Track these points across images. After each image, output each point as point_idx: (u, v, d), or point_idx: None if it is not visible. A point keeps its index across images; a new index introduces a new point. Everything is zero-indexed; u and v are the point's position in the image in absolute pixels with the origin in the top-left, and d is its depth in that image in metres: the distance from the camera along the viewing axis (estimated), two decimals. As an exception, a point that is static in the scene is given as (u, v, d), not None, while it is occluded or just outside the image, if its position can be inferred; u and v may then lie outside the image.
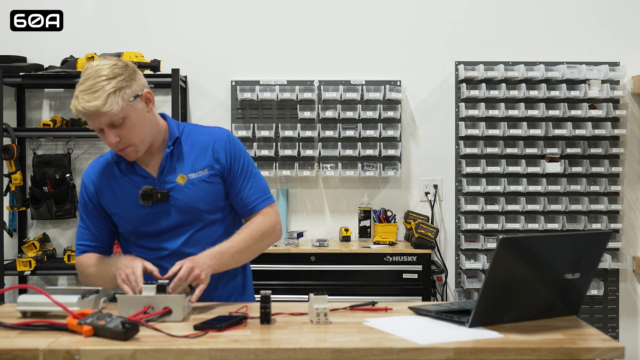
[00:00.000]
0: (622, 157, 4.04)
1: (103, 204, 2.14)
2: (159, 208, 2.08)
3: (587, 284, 1.88)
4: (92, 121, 1.96)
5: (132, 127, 1.98)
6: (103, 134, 1.99)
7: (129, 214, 2.10)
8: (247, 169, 2.15)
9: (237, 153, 2.14)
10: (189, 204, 2.08)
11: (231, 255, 2.05)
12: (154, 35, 4.05)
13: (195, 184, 2.09)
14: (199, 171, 2.10)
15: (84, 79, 1.94)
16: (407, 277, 3.63)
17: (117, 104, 1.92)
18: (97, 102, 1.90)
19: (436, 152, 4.10)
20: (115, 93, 1.92)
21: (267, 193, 2.19)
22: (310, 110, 4.00)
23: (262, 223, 2.13)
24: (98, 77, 1.92)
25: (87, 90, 1.91)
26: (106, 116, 1.92)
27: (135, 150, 2.03)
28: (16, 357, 1.56)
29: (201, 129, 2.18)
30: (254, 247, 2.11)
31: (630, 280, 4.13)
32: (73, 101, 1.94)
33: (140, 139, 2.02)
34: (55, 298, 1.76)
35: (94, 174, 2.17)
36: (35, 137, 3.99)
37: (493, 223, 3.95)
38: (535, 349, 1.59)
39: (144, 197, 2.07)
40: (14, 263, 3.76)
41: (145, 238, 2.12)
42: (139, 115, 2.00)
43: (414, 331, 1.70)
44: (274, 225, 2.16)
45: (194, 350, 1.57)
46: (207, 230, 2.12)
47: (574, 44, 4.09)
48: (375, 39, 4.09)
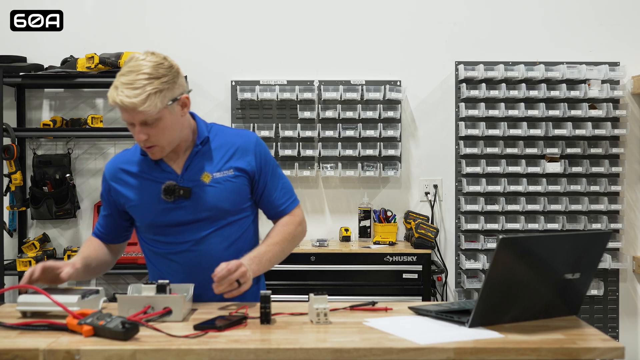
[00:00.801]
0: (622, 157, 4.05)
1: (119, 197, 2.15)
2: (180, 204, 2.08)
3: (587, 284, 1.88)
4: (125, 115, 1.97)
5: (163, 129, 1.99)
6: (133, 128, 2.00)
7: (149, 207, 2.10)
8: (276, 171, 2.21)
9: (266, 156, 2.18)
10: (212, 203, 2.09)
11: (269, 259, 2.09)
12: (154, 36, 4.05)
13: (220, 182, 2.10)
14: (224, 171, 2.11)
15: (127, 71, 1.94)
16: (407, 277, 3.63)
17: (155, 105, 1.93)
18: (136, 100, 1.91)
19: (436, 152, 4.10)
20: (156, 94, 1.93)
21: (294, 194, 2.25)
22: (310, 110, 4.00)
23: (293, 225, 2.20)
24: (142, 74, 1.93)
25: (129, 84, 1.92)
26: (142, 115, 1.94)
27: (160, 150, 2.05)
28: (16, 357, 1.56)
29: (229, 130, 2.20)
30: (287, 248, 2.18)
31: (630, 280, 4.13)
32: (112, 91, 1.95)
33: (168, 141, 2.03)
34: (55, 298, 1.76)
35: (113, 168, 2.18)
36: (35, 137, 3.99)
37: (493, 223, 3.95)
38: (535, 349, 1.59)
39: (167, 192, 2.07)
40: (14, 263, 3.76)
41: (162, 233, 2.12)
42: (172, 118, 2.00)
43: (414, 331, 1.70)
44: (302, 224, 2.24)
45: (194, 350, 1.57)
46: (226, 230, 2.12)
47: (574, 44, 4.09)
48: (375, 39, 4.10)
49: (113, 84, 1.95)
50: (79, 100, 4.08)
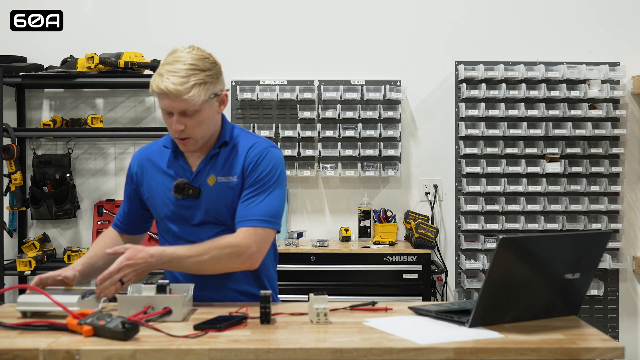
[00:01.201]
0: (622, 157, 4.04)
1: (140, 186, 2.18)
2: (188, 203, 2.10)
3: (587, 284, 1.88)
4: (166, 102, 1.98)
5: (200, 122, 2.01)
6: (170, 118, 2.02)
7: (162, 201, 2.13)
8: (263, 185, 2.06)
9: (261, 165, 2.07)
10: (211, 205, 2.09)
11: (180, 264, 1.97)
12: (154, 35, 4.04)
13: (221, 187, 2.10)
14: (229, 176, 2.10)
15: (173, 60, 1.98)
16: (407, 277, 3.63)
17: (199, 96, 1.96)
18: (182, 88, 1.94)
19: (436, 152, 4.10)
20: (200, 86, 1.97)
21: (266, 216, 2.02)
22: (310, 110, 4.00)
23: (229, 242, 1.99)
24: (189, 64, 1.97)
25: (175, 72, 1.95)
26: (185, 104, 1.96)
27: (194, 143, 2.06)
28: (16, 357, 1.56)
29: (247, 137, 2.16)
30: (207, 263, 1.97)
31: (630, 280, 4.13)
32: (156, 77, 1.97)
33: (202, 135, 2.05)
34: (55, 298, 1.76)
35: (140, 157, 2.21)
36: (35, 137, 3.99)
37: (493, 223, 3.95)
38: (535, 349, 1.59)
39: (177, 189, 2.09)
40: (14, 263, 3.76)
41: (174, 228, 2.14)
42: (210, 113, 2.04)
43: (414, 331, 1.70)
44: (243, 248, 1.98)
45: (194, 350, 1.57)
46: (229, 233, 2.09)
47: (574, 44, 4.09)
48: (375, 39, 4.09)
49: (157, 71, 1.99)
50: (79, 100, 4.08)
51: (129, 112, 4.08)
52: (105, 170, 4.09)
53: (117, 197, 4.06)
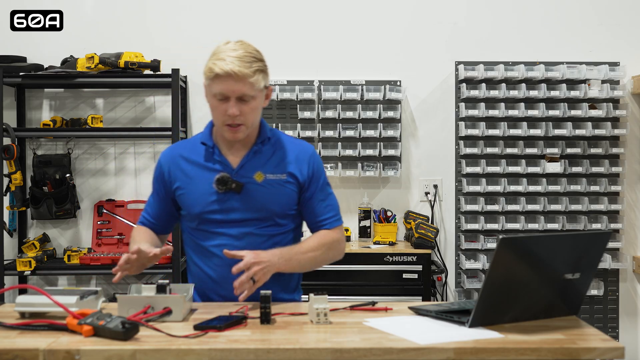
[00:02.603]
0: (622, 157, 4.04)
1: (172, 183, 2.18)
2: (229, 198, 2.11)
3: (587, 284, 1.88)
4: (226, 85, 2.02)
5: (253, 109, 2.07)
6: (222, 104, 2.05)
7: (199, 196, 2.13)
8: (326, 186, 2.22)
9: (320, 169, 2.21)
10: (261, 202, 2.12)
11: (298, 261, 2.10)
12: (154, 35, 4.04)
13: (271, 184, 2.13)
14: (277, 174, 2.15)
15: (229, 49, 2.04)
16: (407, 277, 3.62)
17: (259, 82, 2.05)
18: (247, 70, 2.01)
19: (436, 152, 4.10)
20: (260, 73, 2.05)
21: (339, 214, 2.24)
22: (310, 110, 4.00)
23: (332, 238, 2.18)
24: (250, 53, 2.05)
25: (238, 57, 2.01)
26: (246, 86, 2.02)
27: (244, 131, 2.10)
28: (16, 357, 1.56)
29: (289, 138, 2.25)
30: (319, 257, 2.16)
31: (630, 280, 4.13)
32: (217, 62, 2.01)
33: (252, 123, 2.10)
34: (55, 298, 1.76)
35: (171, 154, 2.22)
36: (35, 137, 3.99)
37: (493, 223, 3.95)
38: (535, 349, 1.59)
39: (220, 182, 2.10)
40: (14, 263, 3.76)
41: (207, 225, 2.14)
42: (260, 103, 2.11)
43: (414, 331, 1.70)
44: (341, 242, 2.22)
45: (194, 350, 1.57)
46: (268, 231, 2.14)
47: (574, 44, 4.09)
48: (375, 39, 4.09)
49: (213, 58, 2.03)
50: (79, 100, 4.08)
51: (129, 112, 4.08)
52: (105, 170, 4.09)
53: (117, 197, 4.06)
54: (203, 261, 2.16)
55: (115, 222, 4.00)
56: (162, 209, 2.24)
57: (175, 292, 1.92)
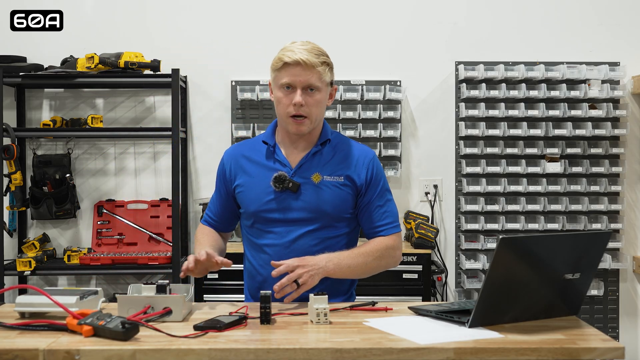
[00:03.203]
0: (622, 157, 4.04)
1: (233, 181, 2.21)
2: (286, 197, 2.13)
3: (587, 284, 1.88)
4: (293, 74, 2.08)
5: (317, 102, 2.12)
6: (288, 95, 2.10)
7: (256, 194, 2.16)
8: (385, 192, 2.23)
9: (379, 174, 2.23)
10: (315, 203, 2.13)
11: (348, 265, 2.09)
12: (154, 35, 4.04)
13: (327, 186, 2.15)
14: (335, 176, 2.16)
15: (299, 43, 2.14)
16: (407, 277, 3.62)
17: (326, 73, 2.13)
18: (315, 60, 2.09)
19: (436, 152, 4.10)
20: (327, 66, 2.15)
21: (397, 221, 2.24)
22: (310, 110, 4.00)
23: (385, 245, 2.18)
24: (317, 47, 2.16)
25: (307, 50, 2.11)
26: (314, 76, 2.09)
27: (308, 124, 2.13)
28: (16, 357, 1.56)
29: (350, 142, 2.27)
30: (371, 264, 2.15)
31: (630, 280, 4.13)
32: (285, 52, 2.09)
33: (315, 117, 2.13)
34: (55, 298, 1.76)
35: (234, 153, 2.26)
36: (35, 137, 3.99)
37: (493, 223, 3.95)
38: (535, 349, 1.59)
39: (277, 180, 2.13)
40: (14, 263, 3.76)
41: (262, 223, 2.16)
42: (325, 97, 2.16)
43: (414, 331, 1.70)
44: (395, 249, 2.21)
45: (194, 350, 1.57)
46: (322, 234, 2.15)
47: (574, 44, 4.09)
48: (375, 39, 4.09)
49: (283, 50, 2.13)
50: (79, 100, 4.08)
51: (129, 112, 4.08)
52: (105, 170, 4.09)
53: (117, 197, 4.06)
54: (255, 259, 2.20)
55: (115, 222, 4.00)
56: (224, 207, 2.27)
57: (175, 292, 1.92)
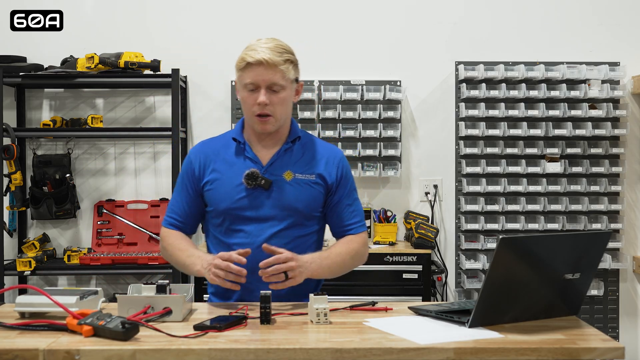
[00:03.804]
0: (622, 157, 4.04)
1: (201, 178, 2.18)
2: (258, 194, 2.13)
3: (587, 284, 1.88)
4: (256, 74, 2.07)
5: (282, 100, 2.11)
6: (252, 94, 2.09)
7: (227, 192, 2.14)
8: (353, 191, 2.25)
9: (348, 174, 2.24)
10: (287, 200, 2.13)
11: (328, 266, 2.10)
12: (154, 35, 4.04)
13: (299, 184, 2.15)
14: (307, 174, 2.17)
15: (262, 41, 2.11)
16: (407, 277, 3.62)
17: (290, 71, 2.11)
18: (278, 59, 2.07)
19: (436, 152, 4.10)
20: (291, 63, 2.12)
21: (364, 219, 2.27)
22: (310, 110, 4.00)
23: (357, 244, 2.21)
24: (281, 46, 2.12)
25: (269, 48, 2.08)
26: (278, 75, 2.07)
27: (273, 122, 2.12)
28: (16, 357, 1.56)
29: (318, 141, 2.28)
30: (347, 263, 2.18)
31: (630, 280, 4.13)
32: (248, 52, 2.07)
33: (281, 115, 2.12)
34: (55, 298, 1.76)
35: (202, 150, 2.23)
36: (35, 137, 3.99)
37: (493, 223, 3.95)
38: (535, 349, 1.59)
39: (249, 177, 2.12)
40: (14, 263, 3.76)
41: (232, 222, 2.14)
42: (290, 95, 2.15)
43: (414, 331, 1.70)
44: (365, 247, 2.25)
45: (194, 350, 1.57)
46: (293, 232, 2.15)
47: (574, 44, 4.09)
48: (375, 39, 4.09)
49: (246, 49, 2.10)
50: (79, 100, 4.08)
51: (129, 112, 4.08)
52: (105, 170, 4.09)
53: (117, 197, 4.06)
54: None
55: (115, 222, 4.00)
56: (192, 207, 2.22)
57: (175, 292, 1.92)
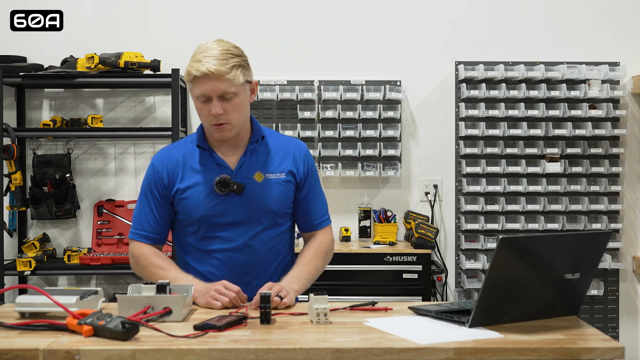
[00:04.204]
0: (622, 157, 4.04)
1: (171, 190, 2.13)
2: (231, 200, 2.11)
3: (587, 284, 1.88)
4: (206, 86, 2.01)
5: (237, 106, 2.06)
6: (206, 105, 2.05)
7: (199, 200, 2.11)
8: (317, 186, 2.25)
9: (313, 167, 2.23)
10: (261, 202, 2.12)
11: (306, 278, 2.13)
12: (154, 35, 4.04)
13: (271, 184, 2.13)
14: (277, 173, 2.15)
15: (204, 49, 2.05)
16: (407, 277, 3.62)
17: (238, 77, 2.03)
18: (224, 68, 2.00)
19: (436, 152, 4.10)
20: (239, 68, 2.04)
21: (328, 212, 2.28)
22: (310, 110, 4.00)
23: (325, 242, 2.23)
24: (226, 50, 2.04)
25: (214, 56, 2.01)
26: (225, 84, 2.01)
27: (230, 129, 2.08)
28: (16, 357, 1.56)
29: (281, 136, 2.26)
30: (320, 266, 2.21)
31: (630, 280, 4.13)
32: (193, 64, 2.02)
33: (238, 121, 2.09)
34: (55, 298, 1.76)
35: (167, 158, 2.16)
36: (35, 137, 3.99)
37: (493, 223, 3.95)
38: (535, 349, 1.59)
39: (220, 184, 2.09)
40: (14, 263, 3.76)
41: (208, 229, 2.12)
42: (244, 98, 2.10)
43: (414, 331, 1.70)
44: (332, 243, 2.27)
45: (194, 350, 1.56)
46: (270, 232, 2.15)
47: (574, 44, 4.09)
48: (375, 39, 4.09)
49: (191, 61, 2.04)
50: (79, 100, 4.08)
51: (129, 112, 4.08)
52: (105, 170, 4.09)
53: (117, 197, 4.06)
54: (201, 265, 2.15)
55: (115, 222, 4.00)
56: (162, 217, 2.15)
57: (175, 292, 1.91)
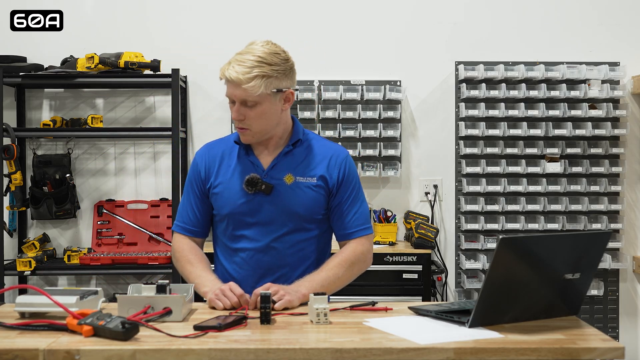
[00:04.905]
0: (622, 157, 4.04)
1: (207, 181, 2.17)
2: (259, 199, 2.11)
3: (587, 284, 1.88)
4: (229, 90, 2.05)
5: (259, 115, 2.05)
6: (232, 106, 2.07)
7: (229, 196, 2.13)
8: (357, 193, 2.19)
9: (351, 174, 2.18)
10: (288, 204, 2.11)
11: (320, 284, 2.07)
12: (154, 35, 4.04)
13: (300, 187, 2.12)
14: (307, 177, 2.13)
15: (245, 51, 2.04)
16: (407, 277, 3.62)
17: (258, 87, 2.00)
18: (243, 77, 1.99)
19: (436, 152, 4.10)
20: (263, 78, 2.00)
21: (368, 222, 2.21)
22: (310, 110, 4.00)
23: (353, 252, 2.16)
24: (256, 56, 2.02)
25: (242, 62, 2.01)
26: (244, 93, 2.01)
27: (251, 135, 2.09)
28: (16, 357, 1.56)
29: (322, 141, 2.23)
30: (344, 275, 2.14)
31: (630, 280, 4.13)
32: (225, 65, 2.04)
33: (260, 129, 2.08)
34: (55, 298, 1.76)
35: (208, 152, 2.21)
36: (35, 137, 3.99)
37: (493, 223, 3.95)
38: (535, 349, 1.59)
39: (249, 183, 2.10)
40: (14, 263, 3.76)
41: (236, 226, 2.14)
42: (271, 108, 2.06)
43: (414, 331, 1.70)
44: (365, 254, 2.18)
45: (194, 350, 1.56)
46: (296, 236, 2.14)
47: (574, 44, 4.09)
48: (375, 39, 4.09)
49: (230, 59, 2.05)
50: (79, 100, 4.08)
51: (129, 112, 4.08)
52: (105, 170, 4.09)
53: (117, 197, 4.06)
54: (227, 261, 2.18)
55: (115, 222, 4.00)
56: (202, 211, 2.20)
57: (175, 292, 1.91)
